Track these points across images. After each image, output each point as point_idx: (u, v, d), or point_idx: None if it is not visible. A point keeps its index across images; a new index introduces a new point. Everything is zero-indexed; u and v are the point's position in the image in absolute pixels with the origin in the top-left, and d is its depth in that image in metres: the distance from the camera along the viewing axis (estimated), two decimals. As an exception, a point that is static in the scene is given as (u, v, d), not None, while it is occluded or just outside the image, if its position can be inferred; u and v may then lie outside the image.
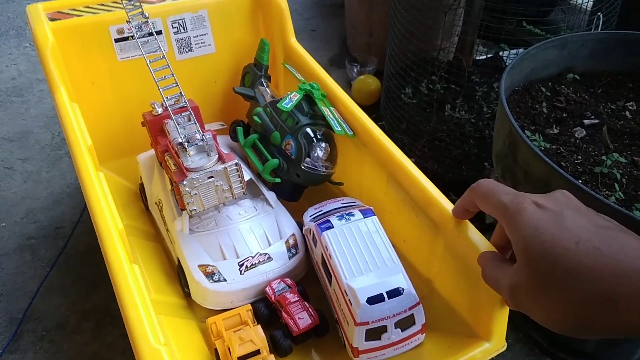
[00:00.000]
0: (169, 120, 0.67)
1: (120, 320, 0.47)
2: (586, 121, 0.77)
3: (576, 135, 0.74)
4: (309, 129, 0.72)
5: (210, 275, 0.63)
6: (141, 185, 0.82)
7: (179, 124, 0.63)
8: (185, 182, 0.59)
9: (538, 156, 0.62)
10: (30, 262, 0.94)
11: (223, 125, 0.90)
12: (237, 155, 0.78)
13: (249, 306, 0.62)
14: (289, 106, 0.71)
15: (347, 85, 1.42)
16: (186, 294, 0.66)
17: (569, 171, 0.69)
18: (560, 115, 0.78)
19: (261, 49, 0.87)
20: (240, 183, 0.62)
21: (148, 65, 0.64)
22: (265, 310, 0.63)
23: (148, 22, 0.68)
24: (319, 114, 0.73)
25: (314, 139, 0.72)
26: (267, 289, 0.63)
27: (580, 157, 0.71)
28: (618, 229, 0.35)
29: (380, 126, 0.68)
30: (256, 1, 0.88)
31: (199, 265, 0.63)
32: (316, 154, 0.72)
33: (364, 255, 0.56)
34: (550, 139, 0.74)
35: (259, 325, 0.59)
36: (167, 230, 0.71)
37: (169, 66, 0.65)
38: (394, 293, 0.53)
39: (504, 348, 0.56)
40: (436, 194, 0.60)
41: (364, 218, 0.60)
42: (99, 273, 0.85)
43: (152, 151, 0.79)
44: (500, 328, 0.55)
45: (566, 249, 0.33)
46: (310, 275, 0.67)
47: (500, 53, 1.17)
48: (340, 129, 0.70)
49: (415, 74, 1.10)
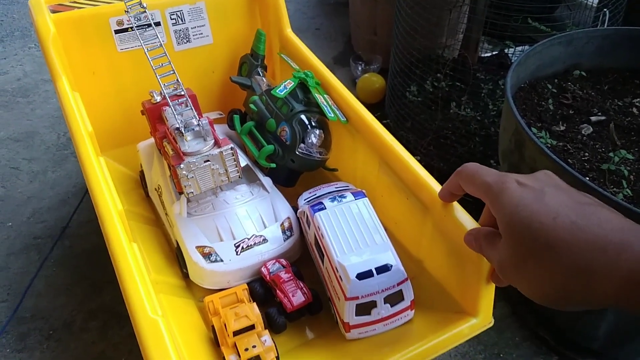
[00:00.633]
0: (167, 107, 0.69)
1: (127, 320, 0.48)
2: (593, 118, 0.76)
3: (583, 132, 0.74)
4: (303, 116, 0.74)
5: (207, 255, 0.65)
6: (141, 173, 0.84)
7: (176, 111, 0.65)
8: (182, 166, 0.61)
9: (545, 153, 0.62)
10: (36, 262, 0.95)
11: (221, 114, 0.92)
12: (235, 142, 0.80)
13: (245, 285, 0.64)
14: (283, 93, 0.73)
15: (352, 84, 1.42)
16: (184, 275, 0.69)
17: (576, 168, 0.68)
18: (567, 112, 0.78)
19: (257, 40, 0.89)
20: (236, 167, 0.65)
21: (146, 54, 0.66)
22: (261, 289, 0.65)
23: (146, 12, 0.70)
24: (313, 102, 0.75)
25: (308, 125, 0.74)
26: (263, 269, 0.65)
27: (587, 154, 0.70)
28: (597, 204, 0.36)
29: (385, 124, 0.69)
30: (252, -8, 0.90)
31: (197, 247, 0.65)
32: (310, 140, 0.74)
33: (354, 234, 0.58)
34: (556, 136, 0.73)
35: (255, 303, 0.61)
36: (166, 214, 0.73)
37: (167, 54, 0.67)
38: (383, 269, 0.55)
39: (491, 324, 0.58)
40: (426, 176, 0.62)
41: (355, 199, 0.62)
42: (106, 272, 0.87)
43: (152, 139, 0.81)
44: (487, 304, 0.57)
45: (544, 224, 0.35)
46: (305, 258, 0.70)
47: (505, 50, 1.16)
48: (333, 115, 0.72)
49: (420, 71, 1.10)
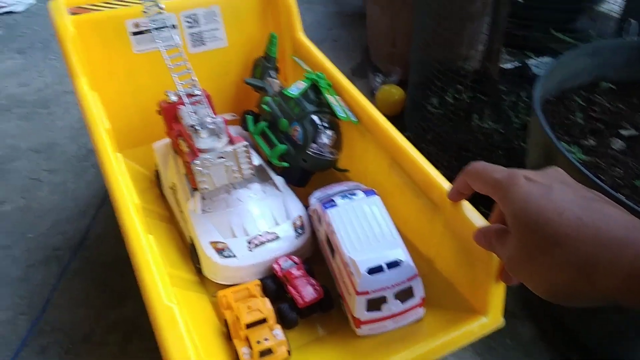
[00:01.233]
0: (182, 106, 0.71)
1: (148, 334, 0.47)
2: (624, 132, 0.74)
3: (614, 147, 0.71)
4: (315, 116, 0.75)
5: (220, 251, 0.66)
6: (156, 172, 0.85)
7: (191, 109, 0.67)
8: (197, 162, 0.62)
9: (577, 169, 0.60)
10: (56, 274, 0.94)
11: (234, 116, 0.93)
12: (248, 143, 0.82)
13: (258, 281, 0.65)
14: (295, 93, 0.74)
15: (370, 95, 1.40)
16: (198, 271, 0.70)
17: (609, 185, 0.66)
18: (596, 125, 0.75)
19: (270, 42, 0.91)
20: (249, 164, 0.66)
21: (163, 53, 0.68)
22: (273, 285, 0.66)
23: (163, 14, 0.72)
24: (325, 102, 0.76)
25: (320, 125, 0.75)
26: (275, 265, 0.66)
27: (620, 170, 0.68)
28: (603, 200, 0.37)
29: (405, 137, 0.68)
30: (266, -3, 0.92)
31: (211, 242, 0.67)
32: (322, 140, 0.75)
33: (365, 231, 0.59)
34: (586, 151, 0.71)
35: (267, 298, 0.62)
36: (181, 211, 0.74)
37: (182, 54, 0.69)
38: (393, 264, 0.56)
39: (501, 324, 0.58)
40: (436, 175, 0.63)
41: (366, 197, 0.63)
42: (126, 284, 0.87)
43: (167, 139, 0.83)
44: (497, 303, 0.57)
45: (550, 219, 0.35)
46: (317, 256, 0.70)
47: (527, 61, 1.15)
48: (344, 115, 0.73)
49: (440, 83, 1.08)
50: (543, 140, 0.66)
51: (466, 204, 0.57)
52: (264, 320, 0.57)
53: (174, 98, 0.74)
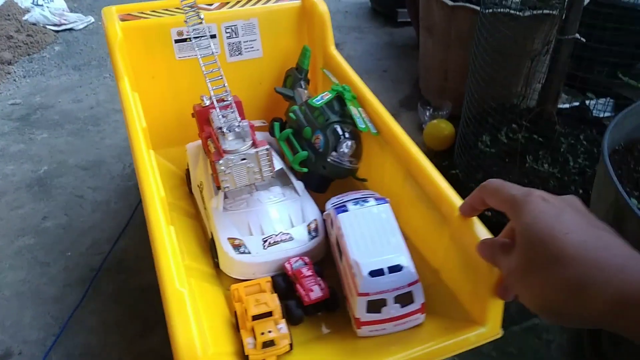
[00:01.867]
0: (214, 110, 0.76)
1: None
2: None
3: None
4: (337, 126, 0.79)
5: (237, 247, 0.70)
6: (187, 171, 0.91)
7: (221, 113, 0.72)
8: (221, 162, 0.67)
9: None
10: (91, 295, 0.94)
11: (264, 122, 0.98)
12: (274, 149, 0.86)
13: (269, 278, 0.69)
14: (319, 103, 0.78)
15: (419, 129, 1.36)
16: (215, 265, 0.74)
17: None
18: None
19: (303, 55, 0.96)
20: (270, 167, 0.70)
21: (199, 60, 0.73)
22: (283, 283, 0.69)
23: (203, 24, 0.77)
24: (348, 114, 0.80)
25: (342, 135, 0.79)
26: (286, 264, 0.70)
27: None
28: (610, 232, 0.38)
29: (453, 174, 0.66)
30: (302, 11, 0.97)
31: (228, 238, 0.71)
32: (342, 149, 0.79)
33: (372, 236, 0.62)
34: None
35: (276, 294, 0.66)
36: (205, 208, 0.79)
37: (217, 62, 0.74)
38: (395, 269, 0.58)
39: (499, 335, 0.60)
40: (447, 189, 0.65)
41: (377, 205, 0.66)
42: (158, 312, 0.84)
43: (199, 141, 0.88)
44: (495, 315, 0.59)
45: (556, 237, 0.37)
46: (328, 260, 0.74)
47: (587, 102, 1.09)
48: (364, 126, 0.76)
49: (493, 121, 1.04)
50: (613, 196, 0.61)
51: (474, 219, 0.59)
52: (270, 314, 0.61)
53: (208, 102, 0.79)
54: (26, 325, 0.91)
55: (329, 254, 0.74)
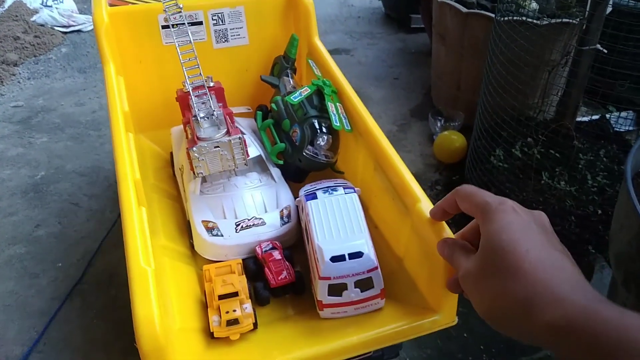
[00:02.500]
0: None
1: None
2: None
3: None
4: (315, 121, 0.81)
5: (210, 229, 0.73)
6: (171, 154, 0.94)
7: (198, 100, 0.74)
8: (194, 149, 0.70)
9: None
10: (78, 310, 0.92)
11: (249, 109, 1.00)
12: (257, 136, 0.89)
13: (240, 260, 0.72)
14: (296, 100, 0.80)
15: (429, 139, 1.32)
16: (191, 246, 0.77)
17: None
18: None
19: (291, 44, 0.97)
20: (243, 155, 0.73)
21: (177, 49, 0.75)
22: (254, 266, 0.72)
23: (182, 13, 0.79)
24: (326, 109, 0.82)
25: (318, 130, 0.81)
26: (257, 247, 0.73)
27: None
28: (568, 258, 0.39)
29: None
30: (288, 1, 0.98)
31: (202, 221, 0.74)
32: (319, 143, 0.81)
33: (337, 223, 0.65)
34: None
35: (245, 276, 0.69)
36: (184, 191, 0.82)
37: (194, 50, 0.76)
38: (355, 255, 0.61)
39: (454, 323, 0.63)
40: (411, 181, 0.68)
41: (345, 193, 0.69)
42: None
43: (183, 125, 0.91)
44: (451, 304, 0.62)
45: (516, 250, 0.39)
46: (300, 246, 0.76)
47: (607, 115, 1.05)
48: (338, 125, 0.78)
49: (507, 134, 0.99)
50: (635, 226, 0.57)
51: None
52: (236, 294, 0.64)
53: (190, 88, 0.82)
54: (9, 340, 0.88)
55: (300, 240, 0.77)
